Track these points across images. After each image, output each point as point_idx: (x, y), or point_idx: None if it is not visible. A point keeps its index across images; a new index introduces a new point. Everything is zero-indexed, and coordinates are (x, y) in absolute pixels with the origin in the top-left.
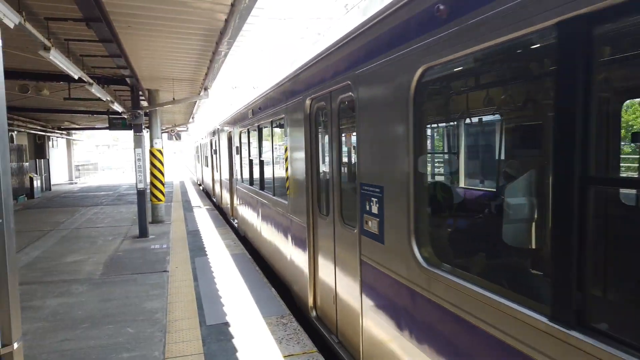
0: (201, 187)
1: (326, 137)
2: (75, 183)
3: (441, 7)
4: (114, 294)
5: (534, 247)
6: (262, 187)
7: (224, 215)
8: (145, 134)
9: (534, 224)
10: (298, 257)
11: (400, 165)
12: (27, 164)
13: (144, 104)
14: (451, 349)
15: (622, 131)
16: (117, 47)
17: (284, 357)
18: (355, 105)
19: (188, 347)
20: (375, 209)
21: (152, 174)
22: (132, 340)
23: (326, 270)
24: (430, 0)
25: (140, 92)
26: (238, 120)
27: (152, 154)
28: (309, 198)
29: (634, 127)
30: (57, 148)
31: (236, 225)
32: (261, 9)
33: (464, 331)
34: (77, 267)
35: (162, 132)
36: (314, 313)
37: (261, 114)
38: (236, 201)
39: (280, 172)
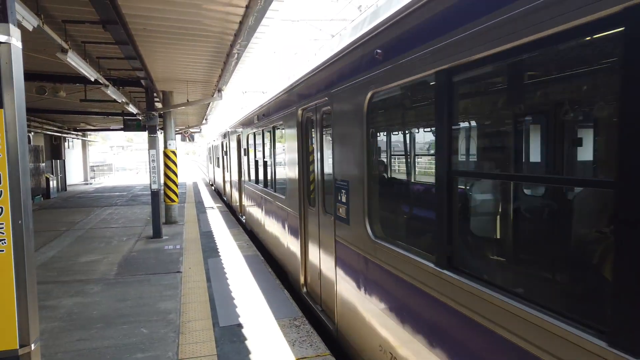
0: (213, 187)
1: (314, 142)
2: (90, 183)
3: (378, 51)
4: (128, 294)
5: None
6: (265, 185)
7: (235, 215)
8: (159, 135)
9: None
10: (292, 243)
11: (359, 164)
12: (44, 164)
13: (158, 105)
14: (390, 297)
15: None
16: (132, 49)
17: (297, 359)
18: (331, 116)
19: (201, 348)
20: (344, 199)
21: (165, 175)
22: (146, 340)
23: (313, 252)
24: (373, 47)
25: (155, 94)
26: (245, 124)
27: (165, 155)
28: (301, 193)
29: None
30: (72, 149)
31: (244, 220)
32: (275, 11)
33: (395, 281)
34: (92, 267)
35: (175, 134)
36: (304, 289)
37: (264, 120)
38: (244, 199)
39: (279, 172)
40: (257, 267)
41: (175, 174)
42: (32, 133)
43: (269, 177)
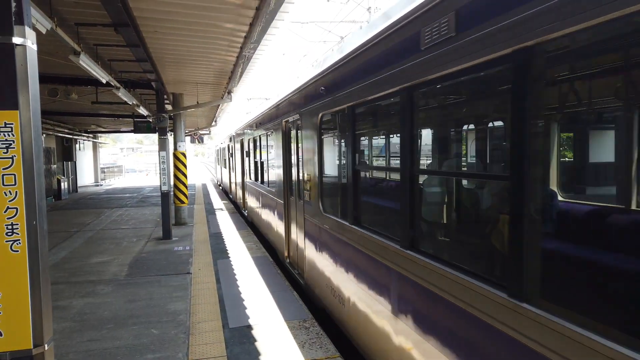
0: (221, 188)
1: (292, 146)
2: (101, 185)
3: (322, 88)
4: (139, 295)
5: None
6: (261, 182)
7: (238, 209)
8: (169, 137)
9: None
10: (279, 225)
11: (315, 164)
12: (55, 166)
13: (169, 107)
14: (334, 253)
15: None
16: (143, 51)
17: None
18: (301, 128)
19: (211, 349)
20: (308, 187)
21: (175, 176)
22: (156, 341)
23: (293, 229)
24: (320, 85)
25: (165, 96)
26: (246, 130)
27: (175, 157)
28: (285, 185)
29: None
30: (83, 151)
31: (246, 214)
32: (286, 13)
33: (339, 243)
34: (103, 268)
35: (185, 135)
36: (288, 260)
37: (260, 127)
38: (246, 195)
39: (270, 170)
40: (266, 268)
41: (185, 176)
42: (44, 135)
43: (263, 175)
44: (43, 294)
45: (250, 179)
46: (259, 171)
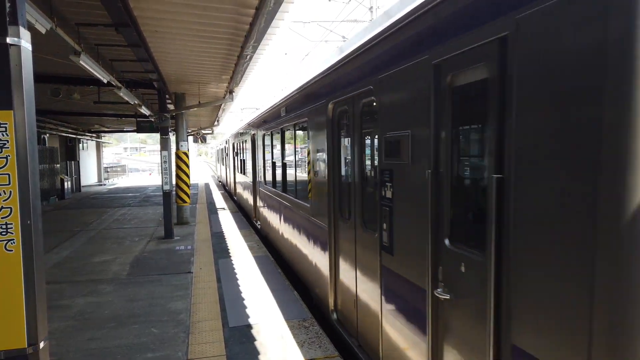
0: (220, 182)
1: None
2: (104, 184)
3: (284, 109)
4: (140, 294)
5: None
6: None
7: (231, 197)
8: (172, 136)
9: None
10: (318, 258)
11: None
12: (58, 165)
13: (171, 107)
14: (278, 213)
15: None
16: (145, 51)
17: None
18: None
19: (211, 349)
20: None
21: (177, 176)
22: (156, 340)
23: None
24: (281, 107)
25: (167, 96)
26: (236, 136)
27: (177, 156)
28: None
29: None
30: (87, 150)
31: (236, 199)
32: (286, 12)
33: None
34: (105, 267)
35: (187, 135)
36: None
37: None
38: (236, 184)
39: (251, 165)
40: (267, 267)
41: (187, 175)
42: (47, 135)
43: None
44: (38, 293)
45: (238, 172)
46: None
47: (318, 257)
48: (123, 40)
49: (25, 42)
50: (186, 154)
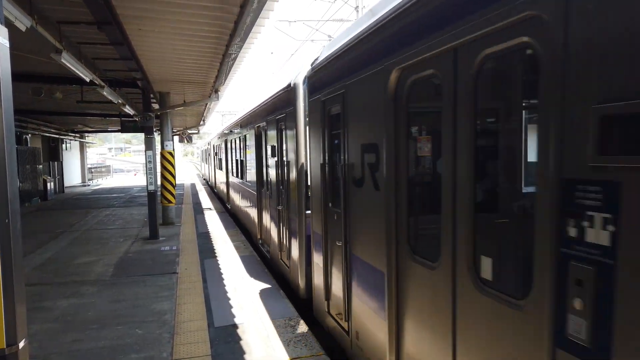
0: (204, 179)
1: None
2: (88, 185)
3: (239, 124)
4: (124, 295)
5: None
6: (227, 172)
7: (212, 190)
8: (157, 136)
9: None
10: (223, 188)
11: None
12: (41, 166)
13: (155, 106)
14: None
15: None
16: (128, 49)
17: (292, 359)
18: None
19: (196, 349)
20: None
21: (162, 176)
22: (140, 341)
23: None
24: (240, 122)
25: (152, 95)
26: (220, 137)
27: (162, 156)
28: (227, 172)
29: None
30: (70, 151)
31: (216, 190)
32: (270, 11)
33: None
34: (88, 269)
35: (173, 135)
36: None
37: (230, 134)
38: (216, 180)
39: (235, 165)
40: (253, 267)
41: (173, 175)
42: (30, 135)
43: (231, 168)
44: (17, 293)
45: (219, 169)
46: (230, 166)
47: (252, 211)
48: (105, 39)
49: (2, 38)
50: (171, 154)
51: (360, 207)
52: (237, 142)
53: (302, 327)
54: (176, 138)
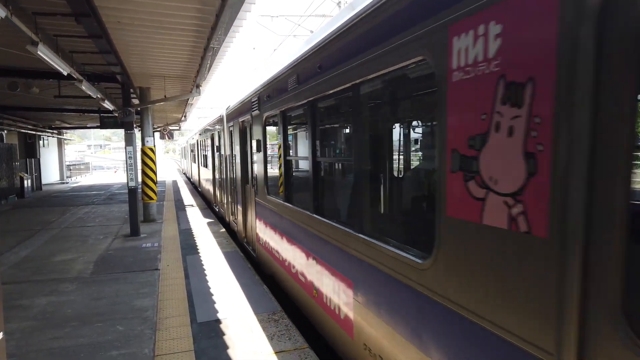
0: (185, 174)
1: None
2: (67, 183)
3: (201, 131)
4: (104, 293)
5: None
6: (206, 166)
7: (193, 185)
8: (137, 132)
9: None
10: (210, 187)
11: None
12: (18, 163)
13: (135, 101)
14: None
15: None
16: (106, 43)
17: (275, 353)
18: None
19: (178, 344)
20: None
21: (143, 172)
22: (121, 338)
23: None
24: (201, 130)
25: (132, 90)
26: (192, 139)
27: (143, 152)
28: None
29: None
30: (48, 147)
31: (192, 180)
32: (252, 4)
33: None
34: (67, 266)
35: (154, 131)
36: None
37: (211, 131)
38: (195, 173)
39: (201, 158)
40: (237, 262)
41: (154, 172)
42: (5, 131)
43: (209, 162)
44: None
45: (199, 165)
46: (208, 160)
47: (209, 184)
48: (83, 31)
49: None
50: (152, 150)
51: (232, 177)
52: (202, 143)
53: (286, 322)
54: (157, 135)
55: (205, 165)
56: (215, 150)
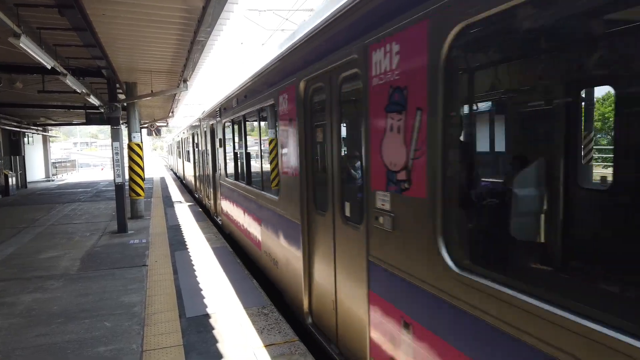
0: (171, 170)
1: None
2: (52, 180)
3: (185, 130)
4: (91, 289)
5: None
6: (189, 160)
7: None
8: (124, 128)
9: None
10: (191, 178)
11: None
12: (2, 160)
13: (122, 97)
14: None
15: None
16: (91, 35)
17: (265, 346)
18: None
19: (167, 339)
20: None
21: (130, 168)
22: (109, 334)
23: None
24: (185, 129)
25: (118, 85)
26: (177, 137)
27: (130, 148)
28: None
29: None
30: (32, 145)
31: (176, 172)
32: None
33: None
34: (53, 263)
35: (141, 127)
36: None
37: (193, 129)
38: (181, 167)
39: (184, 153)
40: (226, 258)
41: (141, 168)
42: None
43: (190, 157)
44: None
45: (183, 160)
46: (189, 156)
47: (190, 174)
48: (67, 24)
49: None
50: (139, 146)
51: (202, 169)
52: (185, 141)
53: (275, 315)
54: (144, 131)
55: (188, 160)
56: (195, 147)
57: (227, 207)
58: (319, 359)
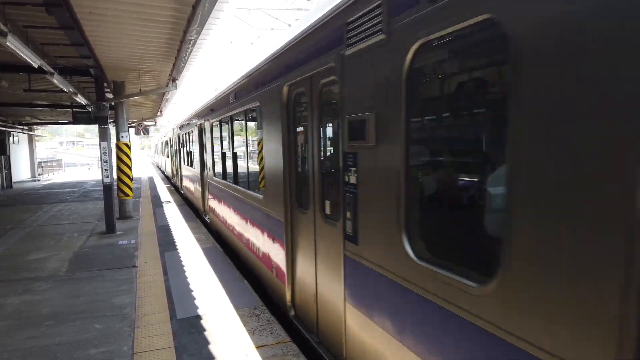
0: (159, 168)
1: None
2: (39, 180)
3: (180, 127)
4: (80, 291)
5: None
6: (176, 159)
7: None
8: (112, 128)
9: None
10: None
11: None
12: None
13: (109, 96)
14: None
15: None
16: (79, 34)
17: (257, 347)
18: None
19: (158, 341)
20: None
21: (119, 168)
22: (99, 336)
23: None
24: (167, 132)
25: (105, 84)
26: (164, 137)
27: (118, 147)
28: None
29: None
30: (18, 144)
31: (164, 172)
32: None
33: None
34: (41, 265)
35: (129, 127)
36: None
37: (181, 130)
38: (169, 166)
39: (170, 153)
40: (216, 258)
41: (130, 168)
42: None
43: (176, 157)
44: None
45: (167, 158)
46: (174, 155)
47: (176, 168)
48: (55, 22)
49: None
50: (127, 145)
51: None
52: (171, 140)
53: (267, 316)
54: (132, 130)
55: (178, 159)
56: (181, 147)
57: (215, 205)
58: (302, 348)
